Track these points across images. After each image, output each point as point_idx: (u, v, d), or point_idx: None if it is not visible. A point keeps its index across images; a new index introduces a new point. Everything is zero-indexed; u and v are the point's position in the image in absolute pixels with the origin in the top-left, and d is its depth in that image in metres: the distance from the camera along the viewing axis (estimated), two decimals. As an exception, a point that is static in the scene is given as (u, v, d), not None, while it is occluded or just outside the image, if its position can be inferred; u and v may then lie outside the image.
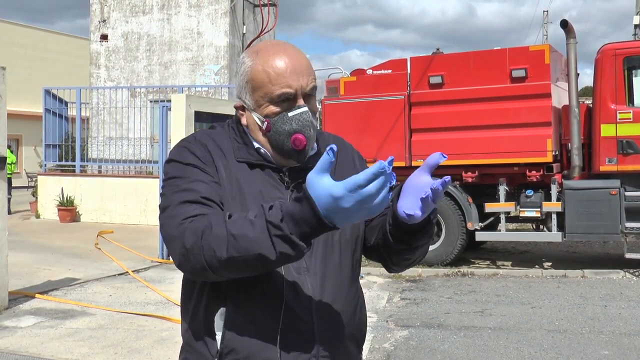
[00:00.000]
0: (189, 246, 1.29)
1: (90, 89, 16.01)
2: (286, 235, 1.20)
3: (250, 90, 1.43)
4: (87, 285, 7.23)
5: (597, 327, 5.66)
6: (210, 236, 1.26)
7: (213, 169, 1.42)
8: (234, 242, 1.24)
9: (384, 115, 8.76)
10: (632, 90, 8.07)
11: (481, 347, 5.12)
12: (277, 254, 1.21)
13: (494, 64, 8.36)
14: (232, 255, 1.24)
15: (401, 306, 6.58)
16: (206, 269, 1.28)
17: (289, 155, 1.43)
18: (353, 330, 1.48)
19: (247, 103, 1.45)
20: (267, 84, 1.40)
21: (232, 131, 1.50)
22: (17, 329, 5.44)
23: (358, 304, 1.52)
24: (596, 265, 8.41)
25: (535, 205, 8.23)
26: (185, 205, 1.35)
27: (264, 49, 1.44)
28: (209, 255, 1.26)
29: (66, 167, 14.48)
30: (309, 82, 1.43)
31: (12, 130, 26.99)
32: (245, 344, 1.37)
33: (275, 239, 1.21)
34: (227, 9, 16.02)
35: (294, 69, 1.40)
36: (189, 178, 1.39)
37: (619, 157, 7.89)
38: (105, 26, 16.92)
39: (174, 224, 1.33)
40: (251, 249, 1.23)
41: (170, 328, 5.43)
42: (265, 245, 1.22)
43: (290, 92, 1.40)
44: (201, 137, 1.48)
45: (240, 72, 1.46)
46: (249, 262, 1.24)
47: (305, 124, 1.41)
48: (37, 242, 10.25)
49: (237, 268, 1.27)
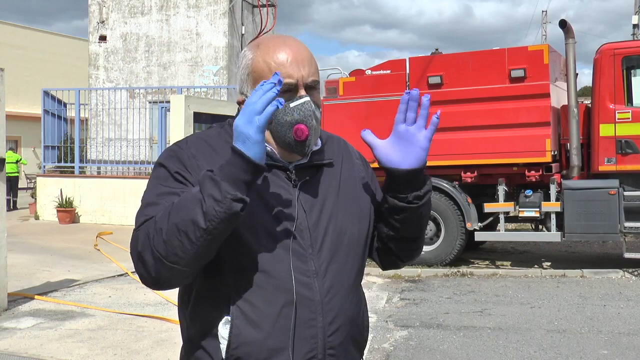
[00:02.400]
0: (140, 248, 1.30)
1: (89, 90, 16.00)
2: (210, 177, 1.25)
3: (252, 82, 1.42)
4: (87, 287, 7.23)
5: (596, 326, 5.67)
6: (155, 225, 1.28)
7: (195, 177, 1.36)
8: (172, 213, 1.27)
9: (384, 115, 8.75)
10: (631, 90, 8.08)
11: (480, 347, 5.12)
12: (206, 199, 1.23)
13: (493, 64, 8.36)
14: (173, 223, 1.25)
15: (400, 306, 6.58)
16: (162, 262, 1.27)
17: (292, 148, 1.40)
18: (356, 334, 1.48)
19: (248, 96, 1.43)
20: (267, 75, 1.37)
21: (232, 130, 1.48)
22: (17, 330, 5.43)
23: (362, 308, 1.52)
24: (595, 265, 8.42)
25: (535, 205, 8.24)
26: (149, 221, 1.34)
27: (265, 42, 1.44)
28: (157, 244, 1.27)
29: (65, 169, 14.47)
30: (310, 73, 1.41)
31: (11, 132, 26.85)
32: (255, 351, 1.34)
33: (203, 185, 1.24)
34: (226, 10, 16.03)
35: (294, 60, 1.39)
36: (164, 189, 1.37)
37: (618, 157, 7.90)
38: (104, 27, 16.92)
39: (133, 238, 1.35)
40: (186, 209, 1.25)
41: (169, 329, 5.43)
42: (197, 196, 1.24)
43: (292, 82, 1.38)
44: (195, 142, 1.44)
45: (241, 66, 1.44)
46: (188, 226, 1.24)
47: (307, 114, 1.38)
48: (36, 243, 10.25)
49: (182, 241, 1.25)
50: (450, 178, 8.62)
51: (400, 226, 1.49)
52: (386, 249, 1.56)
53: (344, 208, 1.46)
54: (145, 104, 15.52)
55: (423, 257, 8.60)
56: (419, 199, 1.46)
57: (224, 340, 1.35)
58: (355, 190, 1.51)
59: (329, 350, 1.39)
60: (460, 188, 8.53)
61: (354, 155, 1.59)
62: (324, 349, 1.38)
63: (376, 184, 1.61)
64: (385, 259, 1.60)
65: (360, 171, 1.56)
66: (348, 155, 1.57)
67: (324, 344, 1.38)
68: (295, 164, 1.44)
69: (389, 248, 1.56)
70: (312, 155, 1.46)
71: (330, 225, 1.43)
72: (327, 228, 1.42)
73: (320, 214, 1.42)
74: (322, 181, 1.46)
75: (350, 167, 1.54)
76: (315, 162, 1.47)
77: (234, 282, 1.36)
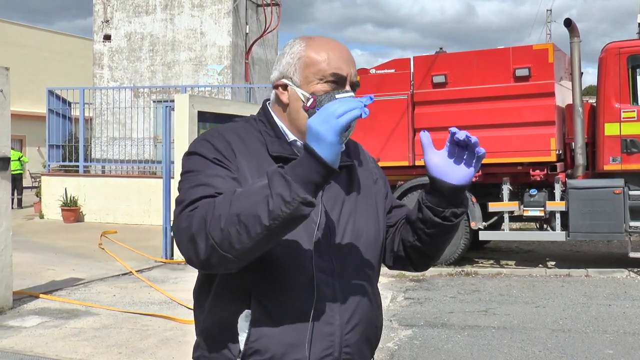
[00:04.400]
0: (195, 229, 1.26)
1: (94, 89, 16.05)
2: (281, 175, 1.20)
3: (302, 67, 1.44)
4: (91, 285, 7.25)
5: (601, 326, 5.65)
6: (214, 211, 1.24)
7: (234, 165, 1.39)
8: (235, 203, 1.23)
9: (388, 114, 8.75)
10: (636, 89, 8.05)
11: (485, 346, 5.11)
12: (274, 197, 1.19)
13: (498, 63, 8.34)
14: (235, 214, 1.21)
15: (405, 306, 6.57)
16: (215, 249, 1.23)
17: None
18: (370, 334, 1.50)
19: (294, 79, 1.45)
20: (321, 62, 1.43)
21: (261, 124, 1.48)
22: (22, 328, 5.45)
23: (377, 308, 1.54)
24: (600, 265, 8.40)
25: (539, 204, 8.22)
26: (200, 201, 1.31)
27: (317, 37, 1.50)
28: (214, 230, 1.23)
29: (70, 168, 14.51)
30: (355, 74, 1.47)
31: (16, 131, 26.92)
32: (273, 346, 1.36)
33: (273, 181, 1.20)
34: (230, 9, 16.03)
35: (347, 57, 1.46)
36: (207, 172, 1.36)
37: (623, 156, 7.87)
38: (109, 26, 16.95)
39: (183, 216, 1.30)
40: (251, 202, 1.21)
41: (174, 328, 5.44)
42: (265, 192, 1.20)
43: (342, 74, 1.43)
44: (225, 132, 1.45)
45: (289, 52, 1.47)
46: (249, 220, 1.20)
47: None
48: (41, 242, 10.28)
49: (240, 235, 1.21)
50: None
51: (427, 239, 1.50)
52: (405, 255, 1.57)
53: (361, 210, 1.49)
54: (150, 103, 15.55)
55: (427, 256, 8.59)
56: (455, 217, 1.45)
57: (244, 333, 1.37)
58: (370, 193, 1.54)
59: (344, 348, 1.41)
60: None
61: (368, 158, 1.62)
62: (340, 347, 1.40)
63: (388, 188, 1.64)
64: (398, 263, 1.61)
65: (375, 174, 1.59)
66: (363, 158, 1.60)
67: (340, 342, 1.40)
68: None
69: (408, 255, 1.56)
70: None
71: (349, 226, 1.45)
72: (346, 228, 1.44)
73: (340, 215, 1.44)
74: (343, 182, 1.48)
75: (366, 170, 1.57)
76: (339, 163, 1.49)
77: (255, 276, 1.36)
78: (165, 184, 9.20)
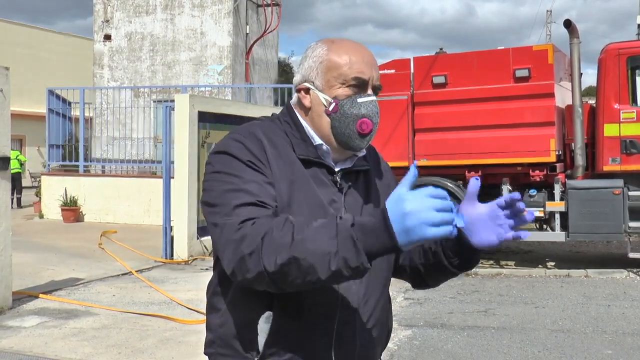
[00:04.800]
0: (248, 251, 1.24)
1: (94, 89, 16.05)
2: (353, 240, 1.17)
3: (324, 71, 1.43)
4: (91, 285, 7.25)
5: (601, 326, 5.65)
6: (271, 240, 1.22)
7: (268, 168, 1.37)
8: (298, 245, 1.20)
9: (388, 115, 8.74)
10: (636, 89, 8.06)
11: (484, 346, 5.12)
12: (338, 260, 1.17)
13: (497, 64, 8.35)
14: (294, 257, 1.19)
15: (405, 306, 6.58)
16: (263, 276, 1.23)
17: (350, 141, 1.42)
18: (383, 336, 1.53)
19: (315, 83, 1.44)
20: (342, 66, 1.42)
21: (287, 125, 1.47)
22: (21, 328, 5.45)
23: (389, 310, 1.56)
24: (600, 265, 8.40)
25: (539, 204, 8.22)
26: (243, 208, 1.29)
27: (339, 40, 1.48)
28: (268, 260, 1.21)
29: (70, 167, 14.51)
30: (378, 77, 1.47)
31: (16, 131, 26.90)
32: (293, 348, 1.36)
33: (342, 242, 1.18)
34: (231, 9, 16.04)
35: (369, 60, 1.45)
36: (244, 178, 1.34)
37: (623, 156, 7.87)
38: (109, 26, 16.96)
39: (232, 227, 1.28)
40: (314, 252, 1.19)
41: (173, 328, 5.44)
42: (330, 249, 1.18)
43: (364, 77, 1.43)
44: (255, 131, 1.43)
45: (311, 55, 1.46)
46: (307, 269, 1.19)
47: (373, 111, 1.44)
48: (41, 242, 10.28)
49: (293, 275, 1.21)
50: (454, 177, 8.61)
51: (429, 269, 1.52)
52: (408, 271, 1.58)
53: None
54: (150, 103, 15.55)
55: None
56: (459, 270, 1.46)
57: (264, 334, 1.37)
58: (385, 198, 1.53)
59: (361, 350, 1.43)
60: (464, 187, 8.52)
61: (382, 163, 1.63)
62: (358, 349, 1.43)
63: None
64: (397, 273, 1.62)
65: (388, 178, 1.61)
66: (378, 162, 1.61)
67: (358, 345, 1.42)
68: (342, 168, 1.47)
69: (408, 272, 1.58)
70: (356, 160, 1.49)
71: None
72: None
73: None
74: (362, 187, 1.50)
75: (381, 175, 1.58)
76: (357, 167, 1.50)
77: None
78: (165, 184, 9.20)
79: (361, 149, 1.45)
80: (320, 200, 1.39)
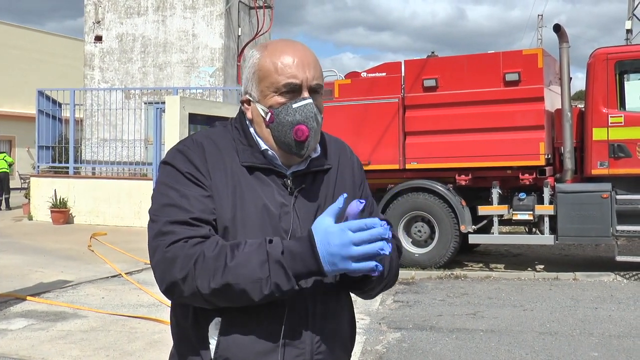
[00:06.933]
0: (180, 276, 1.29)
1: (84, 90, 15.98)
2: (284, 266, 1.25)
3: (257, 81, 1.43)
4: (80, 288, 7.21)
5: (588, 329, 5.69)
6: (204, 264, 1.28)
7: (208, 179, 1.38)
8: (231, 271, 1.27)
9: (378, 118, 8.78)
10: (624, 94, 8.13)
11: (473, 349, 5.14)
12: (270, 285, 1.26)
13: (488, 68, 8.39)
14: (227, 283, 1.27)
15: (394, 308, 6.59)
16: (197, 296, 1.30)
17: (290, 148, 1.41)
18: (343, 335, 1.49)
19: (252, 95, 1.44)
20: (273, 74, 1.40)
21: (235, 131, 1.47)
22: (8, 331, 5.42)
23: (348, 309, 1.53)
24: (588, 268, 8.45)
25: (528, 208, 8.27)
26: (175, 227, 1.33)
27: (272, 44, 1.46)
28: (202, 284, 1.28)
29: (59, 169, 14.44)
30: (315, 77, 1.42)
31: (6, 132, 26.61)
32: (242, 353, 1.36)
33: (273, 268, 1.26)
34: (223, 11, 16.03)
35: (300, 61, 1.41)
36: (181, 191, 1.37)
37: (611, 160, 7.93)
38: (100, 27, 16.89)
39: (162, 248, 1.32)
40: (247, 277, 1.26)
41: (162, 330, 5.42)
42: (262, 275, 1.26)
43: (296, 82, 1.39)
44: (201, 140, 1.44)
45: (247, 65, 1.45)
46: (241, 293, 1.27)
47: (308, 116, 1.40)
48: (30, 244, 10.21)
49: (227, 297, 1.29)
50: (444, 180, 8.64)
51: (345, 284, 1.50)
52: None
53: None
54: (141, 104, 15.50)
55: (417, 259, 8.62)
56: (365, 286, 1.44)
57: (213, 341, 1.37)
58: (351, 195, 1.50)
59: (316, 355, 1.41)
60: (454, 191, 8.55)
61: (353, 160, 1.59)
62: (311, 353, 1.40)
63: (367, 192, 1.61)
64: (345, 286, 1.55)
65: (356, 177, 1.57)
66: (347, 160, 1.56)
67: (311, 349, 1.40)
68: (294, 170, 1.45)
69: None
70: (310, 161, 1.47)
71: None
72: None
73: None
74: (318, 189, 1.47)
75: (347, 174, 1.54)
76: (312, 168, 1.47)
77: None
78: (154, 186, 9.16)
79: (302, 155, 1.43)
80: (266, 205, 1.39)
